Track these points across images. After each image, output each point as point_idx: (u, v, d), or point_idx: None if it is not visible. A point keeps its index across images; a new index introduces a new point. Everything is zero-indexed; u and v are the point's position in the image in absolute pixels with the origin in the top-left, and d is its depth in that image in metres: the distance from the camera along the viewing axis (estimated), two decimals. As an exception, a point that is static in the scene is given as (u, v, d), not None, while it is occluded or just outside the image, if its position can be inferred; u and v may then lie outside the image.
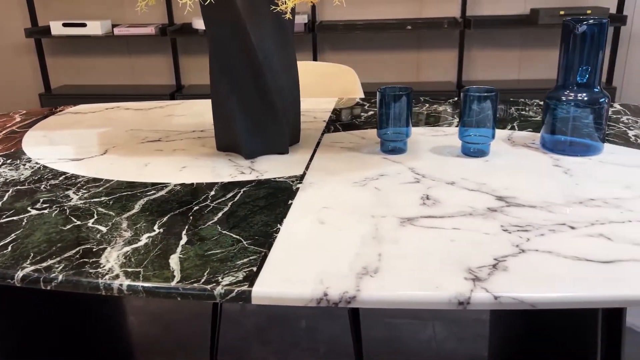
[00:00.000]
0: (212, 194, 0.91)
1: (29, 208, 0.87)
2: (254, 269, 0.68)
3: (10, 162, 1.09)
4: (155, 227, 0.80)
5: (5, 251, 0.74)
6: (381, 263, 0.69)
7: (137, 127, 1.30)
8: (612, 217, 0.78)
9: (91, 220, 0.83)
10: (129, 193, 0.92)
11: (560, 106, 1.03)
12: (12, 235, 0.79)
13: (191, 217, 0.82)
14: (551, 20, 2.71)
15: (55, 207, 0.88)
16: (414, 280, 0.65)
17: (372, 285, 0.64)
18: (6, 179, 1.00)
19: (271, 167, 1.02)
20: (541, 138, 1.08)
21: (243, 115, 1.05)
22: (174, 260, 0.71)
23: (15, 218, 0.84)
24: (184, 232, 0.78)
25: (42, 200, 0.90)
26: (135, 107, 1.48)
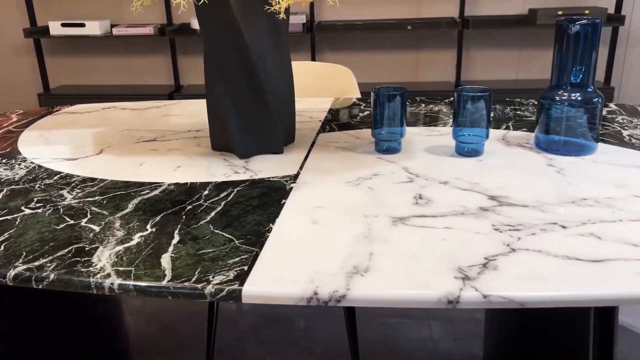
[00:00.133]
0: (205, 194, 0.91)
1: (23, 207, 0.88)
2: (245, 268, 0.68)
3: (5, 161, 1.09)
4: (148, 226, 0.80)
5: (-2, 250, 0.74)
6: (372, 262, 0.69)
7: (133, 127, 1.30)
8: (604, 216, 0.78)
9: (84, 220, 0.83)
10: (123, 192, 0.92)
11: (554, 106, 1.03)
12: (5, 234, 0.79)
13: (184, 217, 0.83)
14: (549, 21, 2.71)
15: (49, 206, 0.88)
16: (404, 279, 0.65)
17: (363, 284, 0.64)
18: (1, 179, 1.00)
19: (265, 167, 1.02)
20: (535, 138, 1.08)
21: (237, 115, 1.06)
22: (166, 259, 0.71)
23: (8, 217, 0.84)
24: (177, 232, 0.78)
25: (36, 199, 0.91)
26: (132, 107, 1.49)
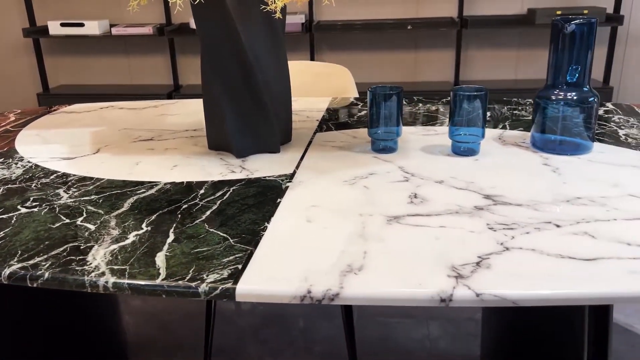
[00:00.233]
0: (201, 193, 0.91)
1: (19, 206, 0.88)
2: (239, 267, 0.68)
3: (2, 161, 1.09)
4: (144, 225, 0.80)
5: (-7, 249, 0.75)
6: (366, 261, 0.69)
7: (131, 127, 1.30)
8: (598, 215, 0.79)
9: (80, 219, 0.83)
10: (119, 192, 0.93)
11: (550, 105, 1.03)
12: (1, 233, 0.79)
13: (179, 216, 0.83)
14: (548, 20, 2.71)
15: (45, 205, 0.88)
16: (398, 277, 0.65)
17: (356, 282, 0.65)
18: (-2, 178, 1.00)
19: (262, 166, 1.02)
20: (531, 137, 1.08)
21: (234, 114, 1.06)
22: (160, 258, 0.71)
23: (4, 216, 0.85)
24: (172, 230, 0.78)
25: (32, 198, 0.91)
26: (129, 106, 1.49)
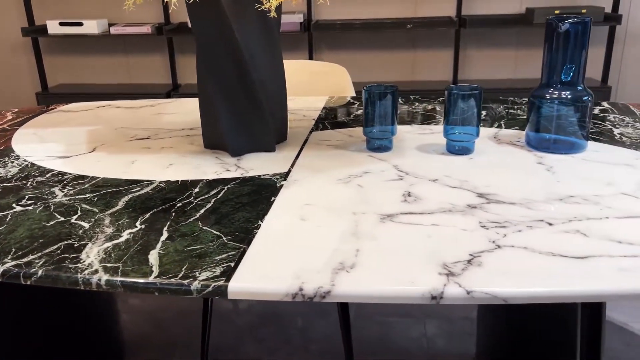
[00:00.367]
0: (196, 191, 0.91)
1: (14, 204, 0.88)
2: (232, 265, 0.69)
3: (-2, 159, 1.10)
4: (138, 223, 0.81)
5: (-13, 247, 0.75)
6: (358, 258, 0.69)
7: (127, 125, 1.31)
8: (590, 213, 0.79)
9: (74, 217, 0.83)
10: (114, 190, 0.93)
11: (545, 104, 1.03)
12: (-4, 231, 0.79)
13: (173, 214, 0.83)
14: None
15: (39, 203, 0.88)
16: (389, 275, 0.65)
17: (348, 280, 0.65)
18: (-7, 176, 1.01)
19: (257, 165, 1.03)
20: (526, 136, 1.08)
21: (229, 113, 1.06)
22: (154, 255, 0.71)
23: (-1, 214, 0.85)
24: (165, 228, 0.78)
25: (27, 197, 0.91)
26: (126, 105, 1.49)
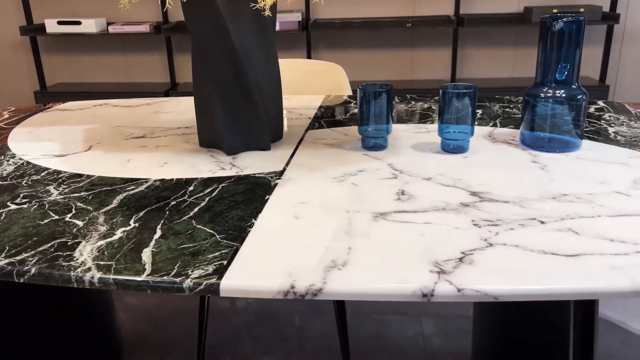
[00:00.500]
0: (190, 190, 0.92)
1: (9, 203, 0.88)
2: (225, 263, 0.69)
3: (-6, 158, 1.10)
4: (131, 221, 0.81)
5: (-19, 245, 0.75)
6: (350, 256, 0.69)
7: (124, 124, 1.31)
8: (583, 212, 0.79)
9: (69, 215, 0.83)
10: (109, 188, 0.93)
11: (539, 103, 1.03)
12: (-10, 229, 0.80)
13: (167, 212, 0.83)
14: (544, 19, 2.71)
15: (34, 202, 0.89)
16: (381, 273, 0.66)
17: (339, 278, 0.65)
18: (-11, 175, 1.01)
19: (252, 163, 1.03)
20: (521, 135, 1.09)
21: (224, 111, 1.06)
22: (147, 253, 0.71)
23: (-6, 213, 0.85)
24: (159, 227, 0.79)
25: (22, 195, 0.91)
26: (123, 104, 1.49)
